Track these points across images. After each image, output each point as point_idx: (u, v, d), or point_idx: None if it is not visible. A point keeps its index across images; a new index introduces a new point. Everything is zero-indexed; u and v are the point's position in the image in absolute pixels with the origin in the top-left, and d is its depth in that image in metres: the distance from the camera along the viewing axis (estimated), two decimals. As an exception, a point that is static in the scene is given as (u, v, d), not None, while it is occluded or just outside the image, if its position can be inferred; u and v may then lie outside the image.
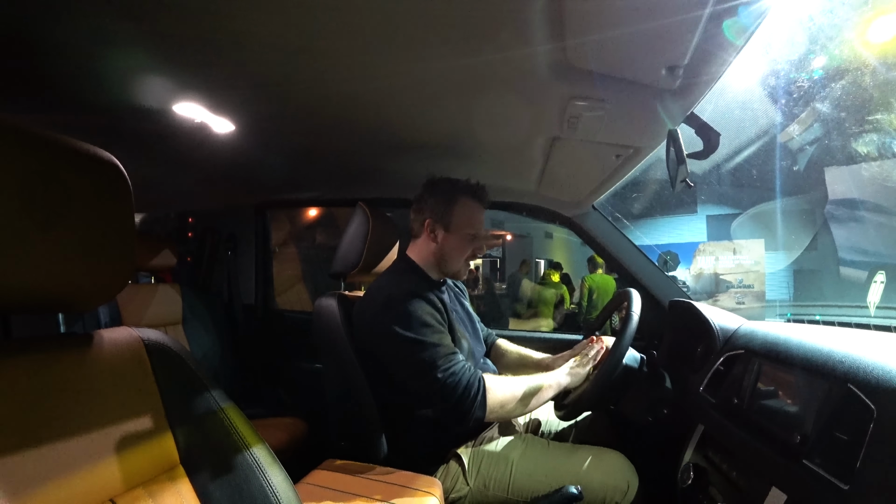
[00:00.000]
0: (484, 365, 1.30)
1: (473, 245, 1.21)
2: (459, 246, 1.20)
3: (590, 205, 1.64)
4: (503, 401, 1.02)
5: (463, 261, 1.22)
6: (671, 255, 2.14)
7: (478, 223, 1.22)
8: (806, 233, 7.74)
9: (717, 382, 1.02)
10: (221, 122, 1.23)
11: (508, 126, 1.11)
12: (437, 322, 1.07)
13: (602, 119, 0.93)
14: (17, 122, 0.49)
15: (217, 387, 0.73)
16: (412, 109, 1.09)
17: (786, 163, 6.91)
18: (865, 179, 5.77)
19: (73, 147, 0.53)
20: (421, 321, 1.04)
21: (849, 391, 0.65)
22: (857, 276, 5.52)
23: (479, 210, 1.21)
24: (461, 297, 1.42)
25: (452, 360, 1.01)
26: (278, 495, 0.69)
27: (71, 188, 0.52)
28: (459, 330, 1.18)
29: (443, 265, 1.22)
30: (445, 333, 1.07)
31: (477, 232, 1.21)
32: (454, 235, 1.20)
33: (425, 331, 1.03)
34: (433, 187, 1.21)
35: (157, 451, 0.63)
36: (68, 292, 0.55)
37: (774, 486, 0.71)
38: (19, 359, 0.54)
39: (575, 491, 0.93)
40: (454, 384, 0.98)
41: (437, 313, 1.09)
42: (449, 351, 1.03)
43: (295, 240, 3.32)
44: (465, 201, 1.19)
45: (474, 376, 1.01)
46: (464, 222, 1.19)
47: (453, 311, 1.21)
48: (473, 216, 1.20)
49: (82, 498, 0.54)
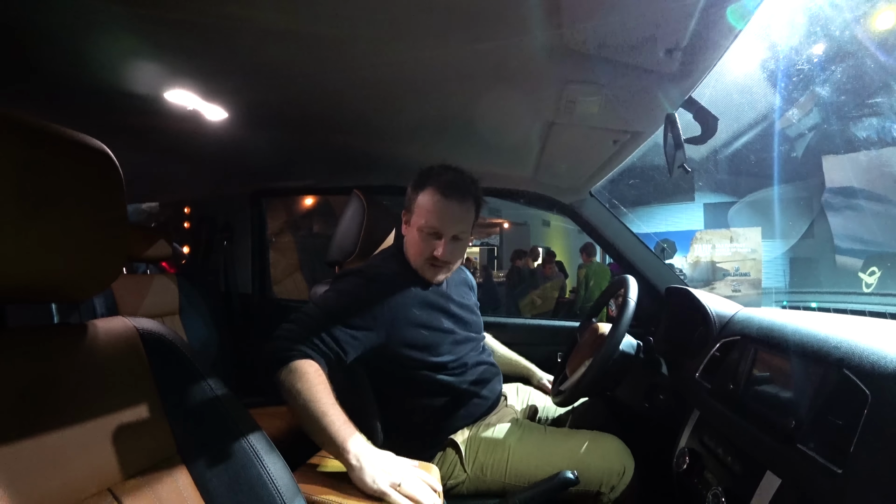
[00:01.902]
0: (484, 363, 1.22)
1: (428, 242, 1.07)
2: (414, 242, 1.10)
3: (587, 191, 1.63)
4: (292, 391, 0.87)
5: (422, 260, 1.09)
6: (668, 242, 2.15)
7: (434, 218, 1.05)
8: (802, 220, 7.77)
9: (713, 368, 1.02)
10: (214, 109, 1.21)
11: (505, 111, 1.10)
12: (361, 312, 1.00)
13: (599, 103, 0.92)
14: (2, 110, 0.48)
15: (213, 375, 0.72)
16: (407, 96, 1.08)
17: (784, 148, 6.90)
18: (863, 167, 5.77)
19: (61, 135, 0.52)
20: (346, 300, 1.01)
21: (844, 376, 0.65)
22: (853, 264, 5.56)
23: (439, 204, 1.05)
24: (464, 295, 1.28)
25: (312, 336, 0.94)
26: (276, 482, 0.69)
27: (60, 177, 0.51)
28: (437, 317, 1.11)
29: (409, 259, 1.13)
30: (347, 321, 0.98)
31: (430, 228, 1.06)
32: (412, 229, 1.11)
33: (339, 304, 1.00)
34: (416, 175, 1.12)
35: (154, 441, 0.63)
36: (61, 281, 0.55)
37: (769, 471, 0.72)
38: (15, 349, 0.54)
39: (571, 476, 0.94)
40: (287, 339, 0.94)
41: (378, 306, 1.01)
42: (321, 330, 0.95)
43: (292, 229, 3.31)
44: (428, 192, 1.06)
45: (295, 354, 0.90)
46: (419, 215, 1.07)
47: (421, 301, 1.10)
48: (431, 210, 1.05)
49: (80, 487, 0.54)
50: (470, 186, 1.09)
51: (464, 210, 1.07)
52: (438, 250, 1.06)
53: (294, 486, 0.72)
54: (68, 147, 0.53)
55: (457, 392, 1.11)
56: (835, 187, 6.57)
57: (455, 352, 1.12)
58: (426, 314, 1.10)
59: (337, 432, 0.84)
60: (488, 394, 1.17)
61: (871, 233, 5.87)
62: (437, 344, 1.09)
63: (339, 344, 0.96)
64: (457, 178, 1.08)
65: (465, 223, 1.09)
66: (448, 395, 1.11)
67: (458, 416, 1.12)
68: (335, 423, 0.85)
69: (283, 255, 3.09)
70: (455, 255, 1.10)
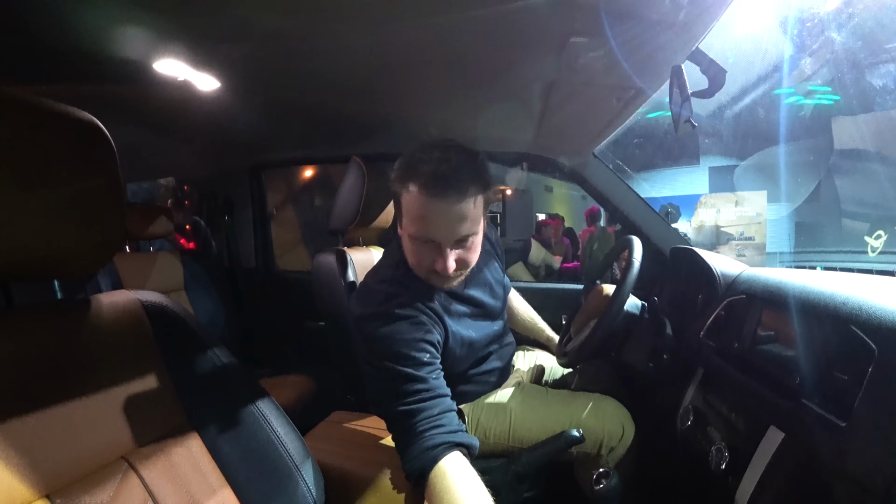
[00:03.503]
0: (502, 346, 1.18)
1: (425, 252, 0.87)
2: (410, 251, 0.91)
3: (590, 153, 1.60)
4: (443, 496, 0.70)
5: (424, 272, 0.91)
6: (673, 206, 2.12)
7: (424, 226, 0.84)
8: (809, 183, 7.65)
9: (717, 328, 1.02)
10: (206, 79, 1.18)
11: (505, 71, 1.06)
12: (416, 353, 0.84)
13: (602, 59, 0.89)
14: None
15: (219, 345, 0.73)
16: (403, 59, 1.04)
17: (793, 105, 6.67)
18: (874, 129, 5.59)
19: (50, 108, 0.51)
20: (395, 354, 0.83)
21: (850, 332, 0.65)
22: (860, 228, 5.49)
23: (427, 207, 0.82)
24: (487, 279, 1.12)
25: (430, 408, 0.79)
26: (286, 446, 0.70)
27: (51, 151, 0.50)
28: (459, 331, 0.99)
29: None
30: (426, 365, 0.84)
31: (423, 238, 0.85)
32: (404, 233, 0.90)
33: (399, 359, 0.83)
34: (397, 165, 0.88)
35: (165, 410, 0.65)
36: (61, 256, 0.55)
37: (772, 426, 0.72)
38: (22, 325, 0.55)
39: (577, 434, 0.96)
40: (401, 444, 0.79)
41: (424, 335, 0.88)
42: (426, 390, 0.81)
43: (293, 202, 3.30)
44: (411, 191, 0.83)
45: (427, 459, 0.74)
46: (408, 220, 0.87)
47: (446, 315, 0.97)
48: (418, 216, 0.83)
49: (95, 456, 0.55)
50: (466, 171, 0.82)
51: (463, 208, 0.82)
52: (439, 264, 0.86)
53: (304, 449, 0.74)
54: (57, 120, 0.52)
55: (470, 380, 1.11)
56: (843, 149, 6.43)
57: (479, 353, 1.08)
58: (456, 326, 0.99)
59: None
60: (500, 375, 1.18)
61: (879, 196, 5.77)
62: (462, 355, 1.02)
63: (440, 390, 0.83)
64: (445, 167, 0.80)
65: (469, 221, 0.84)
66: (460, 383, 1.09)
67: (467, 396, 1.13)
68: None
69: (285, 228, 3.09)
70: (464, 262, 0.89)
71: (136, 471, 0.58)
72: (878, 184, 5.70)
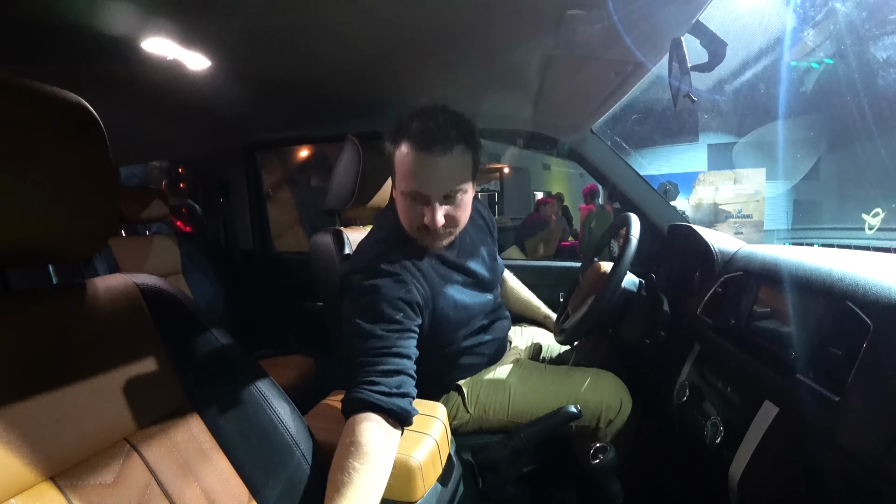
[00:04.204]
0: (498, 319, 1.19)
1: (416, 208, 0.92)
2: (402, 209, 0.96)
3: (588, 129, 1.58)
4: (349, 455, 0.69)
5: (414, 230, 0.95)
6: (671, 184, 2.11)
7: (413, 180, 0.90)
8: (808, 160, 7.59)
9: (714, 304, 1.03)
10: (196, 57, 1.15)
11: (501, 45, 1.03)
12: (393, 311, 0.87)
13: (600, 32, 0.87)
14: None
15: (218, 327, 0.73)
16: (398, 35, 1.01)
17: (795, 76, 6.54)
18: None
19: (35, 90, 0.50)
20: (370, 308, 0.87)
21: (847, 308, 0.65)
22: (858, 206, 5.47)
23: (416, 161, 0.88)
24: (479, 249, 1.15)
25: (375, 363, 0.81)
26: (287, 425, 0.71)
27: (38, 133, 0.49)
28: (451, 294, 1.02)
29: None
30: (397, 326, 0.87)
31: (412, 192, 0.91)
32: (397, 192, 0.96)
33: (372, 317, 0.86)
34: (392, 128, 0.94)
35: (165, 391, 0.65)
36: (55, 241, 0.54)
37: (767, 400, 0.73)
38: (20, 310, 0.55)
39: (574, 410, 0.97)
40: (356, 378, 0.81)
41: (405, 295, 0.90)
42: (384, 347, 0.83)
43: (289, 183, 3.27)
44: (402, 147, 0.90)
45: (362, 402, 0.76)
46: (399, 177, 0.93)
47: (437, 279, 1.00)
48: (408, 170, 0.90)
49: (97, 439, 0.56)
50: (454, 130, 0.88)
51: (450, 163, 0.88)
52: (427, 217, 0.91)
53: (304, 428, 0.75)
54: (44, 102, 0.51)
55: (465, 352, 1.11)
56: (844, 125, 6.35)
57: (472, 321, 1.10)
58: (447, 290, 1.01)
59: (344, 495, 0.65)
60: (495, 349, 1.19)
61: (881, 172, 5.73)
62: (456, 319, 1.04)
63: (404, 351, 0.84)
64: (433, 124, 0.87)
65: (456, 177, 0.91)
66: (457, 356, 1.11)
67: (465, 369, 1.14)
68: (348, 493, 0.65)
69: (281, 209, 3.07)
70: (453, 220, 0.94)
71: (138, 452, 0.59)
72: (879, 160, 5.66)
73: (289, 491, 0.68)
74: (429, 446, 0.84)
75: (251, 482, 0.67)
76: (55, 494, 0.50)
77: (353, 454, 0.69)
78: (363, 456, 0.69)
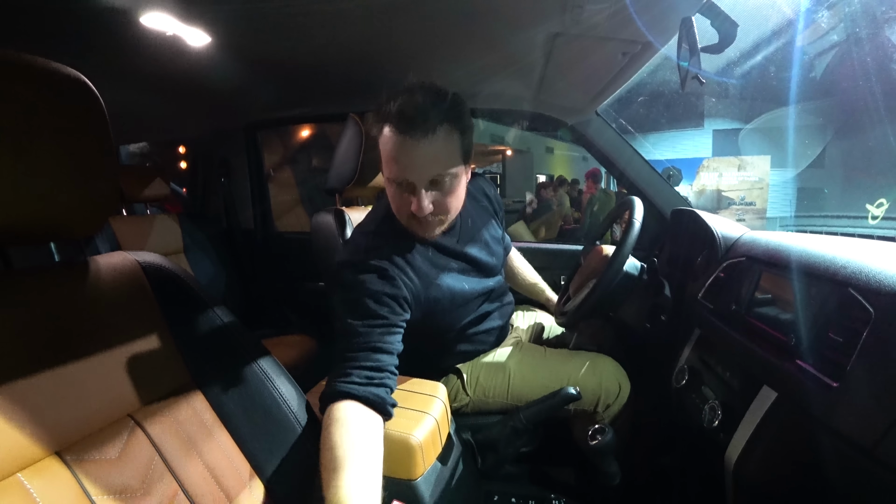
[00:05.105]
0: (501, 305, 1.18)
1: (403, 196, 0.88)
2: (390, 196, 0.91)
3: (593, 111, 1.56)
4: (326, 442, 0.68)
5: (404, 218, 0.91)
6: (675, 169, 2.10)
7: (395, 166, 0.84)
8: (814, 148, 7.48)
9: (716, 289, 1.03)
10: (196, 33, 1.13)
11: (506, 22, 1.01)
12: (377, 306, 0.85)
13: (608, 9, 0.85)
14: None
15: (220, 305, 0.73)
16: (401, 12, 0.99)
17: (807, 59, 6.39)
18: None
19: (32, 64, 0.49)
20: (355, 304, 0.85)
21: (848, 295, 0.65)
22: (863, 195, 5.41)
23: (396, 145, 0.82)
24: (482, 233, 1.12)
25: (354, 358, 0.80)
26: (289, 403, 0.72)
27: (36, 108, 0.49)
28: (446, 283, 0.99)
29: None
30: (381, 321, 0.85)
31: (396, 178, 0.86)
32: (384, 179, 0.91)
33: (356, 313, 0.85)
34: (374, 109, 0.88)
35: (168, 369, 0.65)
36: (56, 218, 0.54)
37: (766, 385, 0.74)
38: (23, 288, 0.55)
39: (573, 392, 0.98)
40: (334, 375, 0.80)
41: (390, 290, 0.87)
42: (365, 343, 0.82)
43: (290, 163, 3.25)
44: (384, 131, 0.84)
45: (336, 394, 0.75)
46: (384, 162, 0.88)
47: (433, 269, 0.98)
48: (389, 155, 0.84)
49: (101, 415, 0.56)
50: (434, 110, 0.81)
51: (433, 146, 0.82)
52: (413, 205, 0.86)
53: (306, 405, 0.76)
54: (42, 76, 0.50)
55: (467, 339, 1.11)
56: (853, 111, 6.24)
57: (472, 307, 1.08)
58: (444, 280, 0.99)
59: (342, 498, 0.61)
60: (498, 335, 1.19)
61: (887, 161, 5.65)
62: (453, 307, 1.02)
63: (385, 347, 0.83)
64: (412, 104, 0.80)
65: (441, 161, 0.84)
66: (457, 342, 1.11)
67: (466, 356, 1.14)
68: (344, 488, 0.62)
69: (283, 189, 3.06)
70: (443, 206, 0.89)
71: (142, 428, 0.59)
72: (888, 148, 5.57)
73: (290, 466, 0.69)
74: (429, 425, 0.85)
75: (253, 458, 0.68)
76: (61, 469, 0.50)
77: (334, 432, 0.68)
78: (343, 428, 0.68)
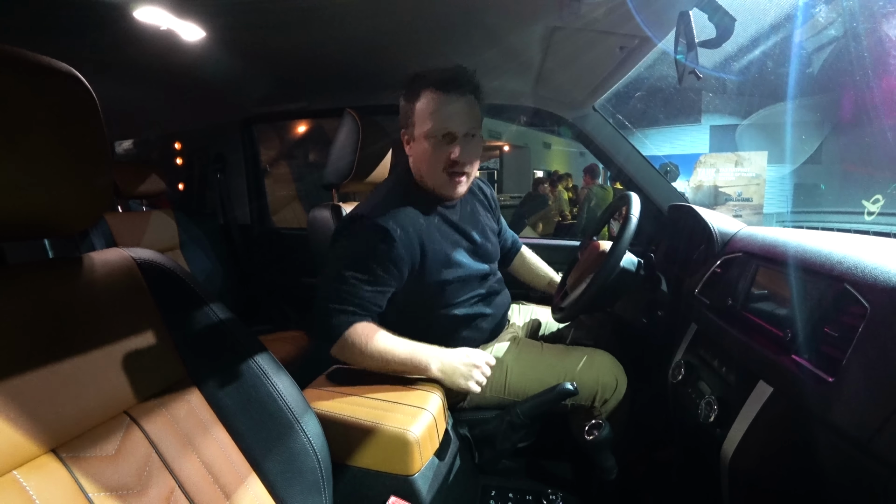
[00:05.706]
0: (497, 295, 1.21)
1: (442, 148, 1.00)
2: (424, 155, 1.02)
3: (590, 105, 1.56)
4: (365, 354, 0.96)
5: (438, 171, 1.02)
6: (672, 165, 2.10)
7: (440, 119, 0.98)
8: (811, 144, 7.48)
9: (712, 285, 1.03)
10: (190, 27, 1.12)
11: (503, 17, 1.01)
12: (373, 264, 0.97)
13: (606, 3, 0.84)
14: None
15: (216, 301, 0.73)
16: (398, 6, 0.98)
17: (805, 53, 6.37)
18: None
19: (27, 59, 0.48)
20: (362, 257, 0.97)
21: (844, 290, 0.65)
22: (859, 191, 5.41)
23: (442, 101, 0.98)
24: (480, 220, 1.20)
25: (347, 301, 0.97)
26: (286, 399, 0.72)
27: (28, 103, 0.48)
28: (448, 251, 1.07)
29: (421, 180, 1.07)
30: (372, 279, 0.97)
31: (440, 130, 0.99)
32: (418, 142, 1.03)
33: (357, 264, 0.97)
34: (404, 88, 1.04)
35: (164, 365, 0.65)
36: (49, 213, 0.53)
37: (762, 380, 0.74)
38: (17, 283, 0.54)
39: (570, 387, 0.98)
40: (327, 315, 0.97)
41: (388, 251, 0.97)
42: (353, 295, 0.97)
43: (287, 158, 3.23)
44: (427, 94, 0.99)
45: (344, 323, 0.95)
46: (423, 122, 1.00)
47: (437, 236, 1.06)
48: (434, 110, 0.98)
49: (97, 411, 0.56)
50: (466, 76, 1.00)
51: (469, 103, 1.00)
52: (455, 152, 0.99)
53: (304, 402, 0.75)
54: (32, 70, 0.49)
55: (463, 323, 1.12)
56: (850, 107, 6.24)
57: (469, 288, 1.10)
58: (446, 250, 1.06)
59: (419, 363, 0.97)
60: (494, 324, 1.19)
61: (884, 157, 5.66)
62: (454, 282, 1.07)
63: (372, 302, 0.98)
64: (450, 70, 0.99)
65: (474, 118, 1.02)
66: (454, 325, 1.11)
67: (463, 342, 1.13)
68: (415, 357, 0.97)
69: (279, 184, 3.04)
70: (473, 156, 1.04)
71: (138, 425, 0.59)
72: (885, 143, 5.58)
73: (288, 462, 0.69)
74: (426, 421, 0.85)
75: (251, 454, 0.68)
76: (57, 466, 0.50)
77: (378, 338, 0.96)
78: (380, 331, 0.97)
